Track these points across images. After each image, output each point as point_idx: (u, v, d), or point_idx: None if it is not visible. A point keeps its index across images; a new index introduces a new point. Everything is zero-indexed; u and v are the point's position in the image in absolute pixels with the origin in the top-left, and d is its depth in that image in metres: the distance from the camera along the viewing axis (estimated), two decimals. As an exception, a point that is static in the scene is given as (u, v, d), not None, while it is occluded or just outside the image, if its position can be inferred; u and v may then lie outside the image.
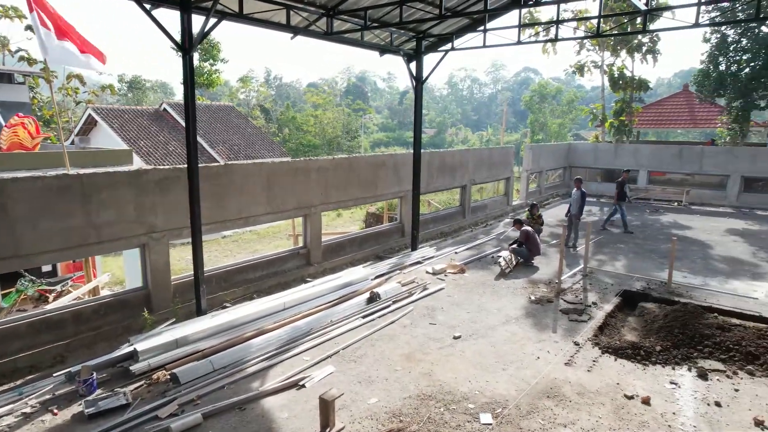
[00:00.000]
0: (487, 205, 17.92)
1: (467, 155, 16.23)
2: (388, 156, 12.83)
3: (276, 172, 9.98)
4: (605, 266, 11.54)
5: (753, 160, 20.24)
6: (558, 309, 8.81)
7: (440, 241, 14.41)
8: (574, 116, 66.14)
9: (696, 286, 10.07)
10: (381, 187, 12.66)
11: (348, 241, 12.13)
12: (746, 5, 20.88)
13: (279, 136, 59.91)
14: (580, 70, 25.19)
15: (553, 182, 24.12)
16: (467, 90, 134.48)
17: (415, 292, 9.71)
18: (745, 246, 13.57)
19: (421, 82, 11.90)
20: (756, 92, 20.23)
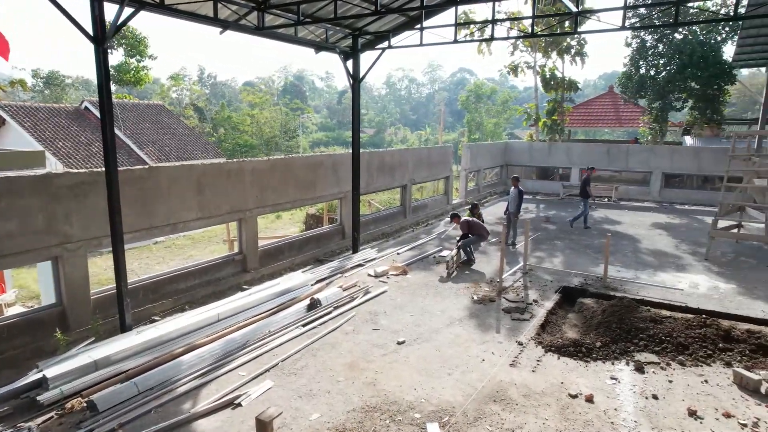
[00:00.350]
0: (427, 204, 17.95)
1: (407, 155, 16.15)
2: (327, 156, 12.47)
3: (207, 174, 9.39)
4: (544, 263, 11.77)
5: (671, 157, 21.54)
6: (500, 308, 8.82)
7: (382, 242, 14.22)
8: (508, 116, 68.21)
9: (629, 279, 10.44)
10: (320, 188, 12.29)
11: (287, 245, 11.67)
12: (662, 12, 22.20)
13: (214, 136, 57.88)
14: (514, 70, 25.85)
15: (490, 180, 24.62)
16: (405, 90, 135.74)
17: (358, 296, 9.44)
18: (669, 239, 14.32)
19: (358, 80, 11.64)
20: (672, 94, 21.52)
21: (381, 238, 14.75)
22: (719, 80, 20.16)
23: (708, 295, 9.53)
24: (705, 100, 20.46)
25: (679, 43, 20.54)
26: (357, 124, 11.77)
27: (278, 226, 26.34)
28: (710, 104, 20.45)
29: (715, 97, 20.49)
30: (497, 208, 19.47)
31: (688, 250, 13.00)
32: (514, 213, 13.65)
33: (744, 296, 9.50)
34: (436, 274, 10.85)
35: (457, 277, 10.65)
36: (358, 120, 11.73)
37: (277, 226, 26.16)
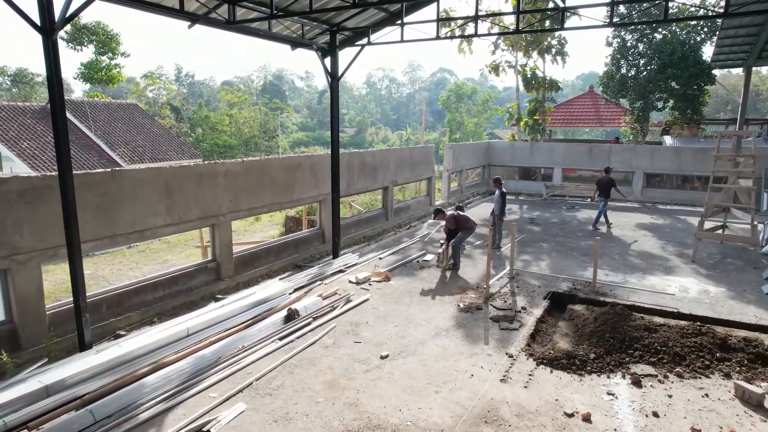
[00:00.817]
0: (410, 206, 17.53)
1: (388, 155, 15.70)
2: (305, 157, 11.95)
3: (176, 177, 8.79)
4: (531, 267, 11.42)
5: (652, 157, 21.51)
6: (488, 317, 8.42)
7: (363, 246, 13.74)
8: (489, 116, 68.33)
9: (618, 283, 10.15)
10: (298, 190, 11.75)
11: (263, 251, 11.11)
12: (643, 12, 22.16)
13: (192, 136, 56.81)
14: (495, 69, 25.61)
15: (473, 181, 24.32)
16: (386, 90, 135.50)
17: (338, 305, 8.95)
18: (655, 240, 14.14)
19: (337, 78, 11.14)
20: (653, 94, 21.48)
21: (362, 241, 14.27)
22: (699, 80, 20.17)
23: (699, 299, 9.28)
24: (685, 100, 20.45)
25: (659, 43, 20.50)
26: (336, 124, 11.27)
27: (257, 228, 25.69)
28: (690, 104, 20.45)
29: (695, 97, 20.50)
30: (481, 210, 19.15)
31: (674, 252, 12.81)
32: (498, 215, 13.30)
33: (735, 300, 9.28)
34: (420, 280, 10.42)
35: (442, 283, 10.24)
36: (338, 120, 11.24)
37: (255, 229, 25.51)
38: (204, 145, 56.39)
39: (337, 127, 11.27)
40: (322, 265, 11.31)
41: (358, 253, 12.64)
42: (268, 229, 25.47)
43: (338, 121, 11.25)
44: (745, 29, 17.44)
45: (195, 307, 9.11)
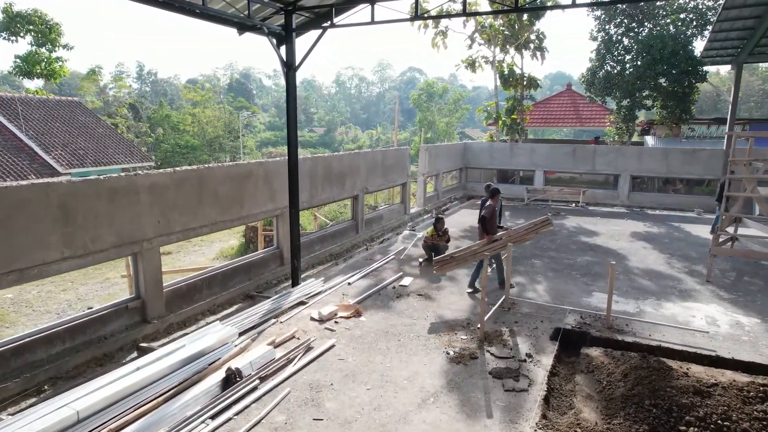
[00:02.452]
0: (382, 215, 15.66)
1: (358, 159, 13.78)
2: (256, 164, 9.92)
3: (80, 195, 6.68)
4: (527, 293, 9.69)
5: (640, 159, 20.24)
6: (486, 370, 6.62)
7: (330, 267, 11.81)
8: (460, 115, 67.16)
9: (632, 315, 8.51)
10: (249, 205, 9.73)
11: (205, 281, 9.04)
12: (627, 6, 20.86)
13: (152, 136, 53.76)
14: (471, 65, 23.99)
15: (450, 185, 22.65)
16: (355, 89, 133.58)
17: (296, 356, 7.00)
18: (657, 254, 12.64)
19: (294, 68, 9.16)
20: (640, 92, 20.21)
21: (329, 260, 12.32)
22: (690, 77, 18.95)
23: (735, 336, 7.71)
24: (675, 99, 19.22)
25: (649, 37, 19.20)
26: (293, 123, 9.29)
27: (213, 238, 23.33)
28: (680, 103, 19.23)
29: (686, 95, 19.29)
30: (461, 217, 17.44)
31: (683, 269, 11.31)
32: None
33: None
34: (397, 315, 8.55)
35: (423, 318, 8.39)
36: (295, 119, 9.27)
37: (213, 239, 23.16)
38: (165, 146, 53.50)
39: (295, 127, 9.30)
40: (279, 296, 9.30)
41: (323, 277, 10.70)
42: (228, 239, 23.24)
43: (296, 121, 9.29)
44: (742, 21, 16.22)
45: (109, 361, 7.03)
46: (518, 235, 9.82)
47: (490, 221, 9.40)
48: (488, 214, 9.38)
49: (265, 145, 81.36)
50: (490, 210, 9.40)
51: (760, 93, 51.28)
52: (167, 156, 50.79)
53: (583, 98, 30.35)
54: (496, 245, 9.27)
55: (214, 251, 22.01)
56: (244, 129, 77.30)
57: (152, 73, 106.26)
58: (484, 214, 9.45)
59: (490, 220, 9.40)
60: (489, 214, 9.38)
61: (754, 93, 51.37)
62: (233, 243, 22.47)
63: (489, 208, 9.42)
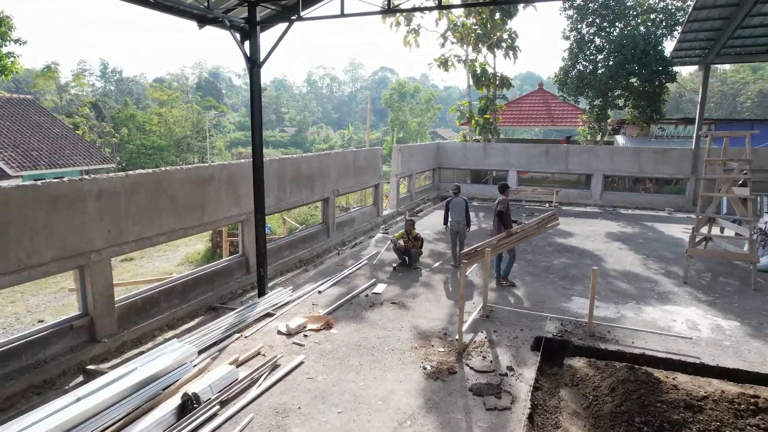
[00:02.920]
0: (354, 218, 15.15)
1: (328, 161, 13.24)
2: (219, 167, 9.29)
3: (12, 204, 5.97)
4: (504, 298, 9.33)
5: (612, 158, 20.28)
6: (466, 386, 6.20)
7: (299, 273, 11.25)
8: (432, 115, 67.10)
9: (613, 320, 8.25)
10: (211, 210, 9.10)
11: (164, 292, 8.38)
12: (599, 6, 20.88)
13: (116, 137, 52.01)
14: (444, 64, 23.68)
15: (423, 186, 22.29)
16: (327, 88, 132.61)
17: (261, 376, 6.46)
18: (633, 255, 12.51)
19: (258, 64, 8.58)
20: (612, 92, 20.24)
21: (298, 267, 11.75)
22: (661, 77, 19.04)
23: (717, 341, 7.51)
24: (646, 98, 19.28)
25: (620, 37, 19.21)
26: (258, 123, 8.71)
27: (179, 243, 22.38)
28: (651, 102, 19.31)
29: (656, 95, 19.38)
30: (435, 219, 17.09)
31: (659, 270, 11.17)
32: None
33: (758, 340, 7.58)
34: (370, 326, 8.06)
35: (398, 328, 7.94)
36: (260, 118, 8.68)
37: (178, 243, 22.21)
38: (130, 146, 51.91)
39: (260, 127, 8.73)
40: (245, 308, 8.70)
41: (292, 285, 10.15)
42: (194, 243, 22.35)
43: (261, 120, 8.71)
44: (710, 23, 16.34)
45: (50, 389, 6.34)
46: (531, 230, 9.90)
47: (507, 215, 9.58)
48: (504, 208, 9.58)
49: (234, 145, 79.83)
50: (505, 204, 9.62)
51: (719, 94, 52.77)
52: (133, 157, 49.20)
53: (555, 98, 30.42)
54: (513, 239, 9.48)
55: (180, 256, 21.13)
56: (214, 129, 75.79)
57: (117, 72, 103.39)
58: (500, 209, 9.60)
59: (507, 215, 9.58)
60: (505, 209, 9.58)
61: (714, 94, 52.85)
62: (199, 248, 21.63)
63: (504, 203, 9.65)
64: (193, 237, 23.60)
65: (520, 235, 9.68)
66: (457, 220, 11.06)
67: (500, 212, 9.63)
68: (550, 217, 10.04)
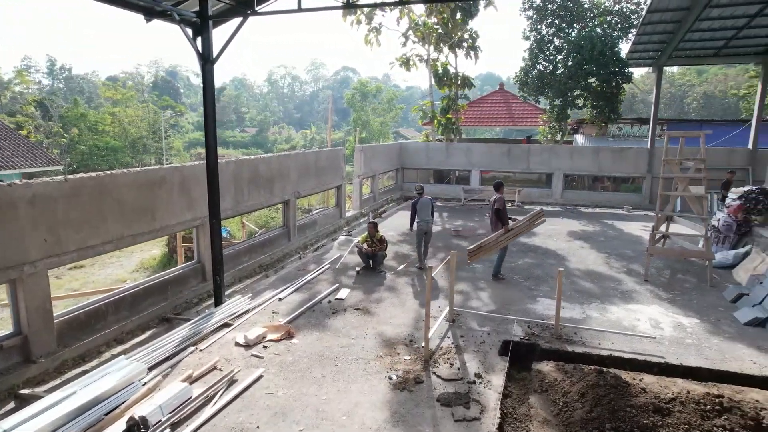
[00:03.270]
0: (316, 220, 14.76)
1: (289, 162, 12.82)
2: (171, 169, 8.77)
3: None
4: (471, 301, 9.19)
5: (572, 157, 20.58)
6: (433, 396, 5.97)
7: (259, 279, 10.81)
8: (394, 114, 67.10)
9: (579, 321, 8.21)
10: (162, 215, 8.57)
11: (112, 304, 7.81)
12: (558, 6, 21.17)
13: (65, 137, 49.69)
14: (406, 63, 23.54)
15: (387, 186, 22.08)
16: (288, 88, 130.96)
17: (217, 393, 6.05)
18: (595, 253, 12.63)
19: (211, 61, 8.12)
20: (572, 92, 20.55)
21: (258, 272, 11.30)
22: (618, 77, 19.44)
23: (679, 339, 7.56)
24: (604, 98, 19.66)
25: (578, 38, 19.52)
26: (212, 123, 8.25)
27: (134, 248, 21.40)
28: (609, 102, 19.70)
29: (613, 95, 19.78)
30: (399, 220, 16.90)
31: (621, 269, 11.29)
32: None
33: (717, 337, 7.68)
34: (333, 334, 7.75)
35: (362, 336, 7.65)
36: (213, 118, 8.22)
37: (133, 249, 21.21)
38: (81, 147, 49.65)
39: (214, 128, 8.27)
40: (200, 318, 8.22)
41: (251, 292, 9.71)
42: (150, 248, 21.42)
43: (214, 120, 8.25)
44: (663, 26, 16.75)
45: (-20, 415, 5.74)
46: (524, 227, 10.26)
47: (504, 213, 9.99)
48: (501, 206, 10.00)
49: (193, 145, 77.77)
50: (502, 203, 10.05)
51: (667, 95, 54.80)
52: (85, 159, 47.13)
53: (516, 98, 30.77)
54: (509, 235, 9.83)
55: (135, 262, 20.23)
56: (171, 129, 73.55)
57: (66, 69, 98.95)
58: (497, 207, 9.98)
59: (504, 212, 9.99)
60: (502, 206, 10.02)
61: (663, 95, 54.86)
62: (156, 253, 20.77)
63: (500, 201, 10.05)
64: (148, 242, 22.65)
65: (514, 232, 9.97)
66: (425, 219, 10.94)
67: (498, 210, 9.96)
68: (538, 214, 10.29)
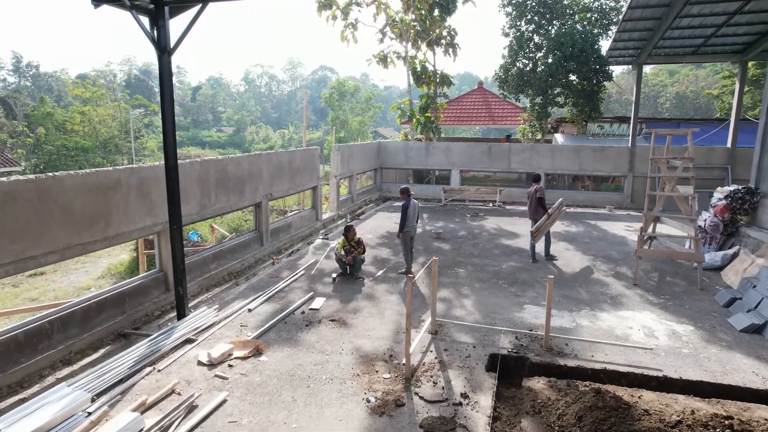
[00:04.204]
0: (291, 223, 14.06)
1: (260, 162, 12.11)
2: (128, 171, 8.01)
3: None
4: (454, 309, 8.64)
5: (553, 157, 20.26)
6: (416, 422, 5.39)
7: (228, 288, 10.08)
8: (372, 114, 66.49)
9: (570, 331, 7.72)
10: (118, 221, 7.81)
11: (58, 321, 7.02)
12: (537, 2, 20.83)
13: (31, 137, 47.94)
14: (383, 60, 22.93)
15: (365, 187, 21.46)
16: (265, 87, 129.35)
17: (174, 422, 5.36)
18: (581, 256, 12.23)
19: (168, 51, 7.39)
20: (552, 89, 20.23)
21: (227, 280, 10.57)
22: (599, 75, 19.17)
23: (675, 349, 7.12)
24: (585, 96, 19.37)
25: (559, 35, 19.18)
26: (170, 119, 7.52)
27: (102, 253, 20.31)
28: (589, 101, 19.42)
29: (594, 93, 19.51)
30: (378, 222, 16.32)
31: (608, 272, 10.89)
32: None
33: (714, 345, 7.27)
34: (306, 350, 7.11)
35: (338, 353, 7.02)
36: (172, 114, 7.49)
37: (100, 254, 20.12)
38: (48, 147, 47.98)
39: (172, 124, 7.54)
40: (160, 333, 7.48)
41: (218, 303, 9.00)
42: (119, 253, 20.39)
43: (173, 116, 7.53)
44: (644, 23, 16.53)
45: None
46: (557, 214, 12.40)
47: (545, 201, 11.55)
48: (543, 195, 11.52)
49: (168, 146, 75.87)
50: (542, 192, 11.56)
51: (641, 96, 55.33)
52: (52, 159, 45.54)
53: (495, 96, 30.46)
54: (550, 221, 11.57)
55: (101, 268, 19.18)
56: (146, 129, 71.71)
57: (33, 66, 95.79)
58: (540, 195, 11.45)
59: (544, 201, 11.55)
60: (543, 195, 11.53)
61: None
62: (124, 258, 19.77)
63: (541, 191, 11.57)
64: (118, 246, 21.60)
65: (553, 217, 11.76)
66: (413, 224, 10.41)
67: (540, 198, 11.42)
68: (561, 205, 12.69)
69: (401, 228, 10.42)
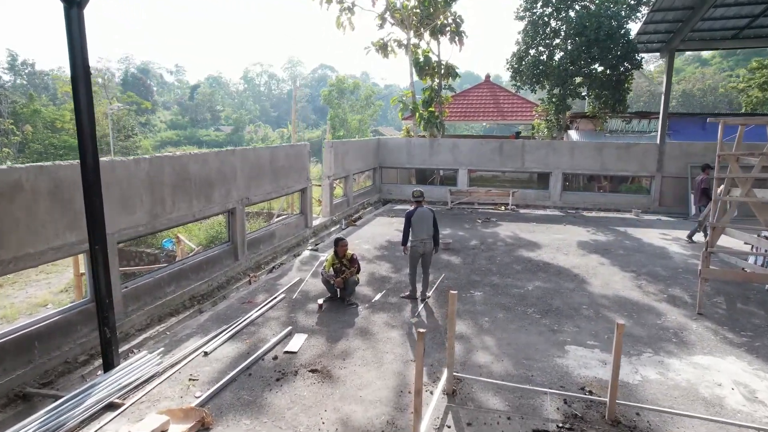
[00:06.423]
0: (274, 232, 11.97)
1: (234, 160, 10.02)
2: (35, 170, 5.92)
3: None
4: (474, 353, 6.54)
5: (572, 155, 18.17)
6: None
7: (186, 319, 8.00)
8: (372, 112, 64.42)
9: (634, 389, 5.64)
10: (16, 240, 5.74)
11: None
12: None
13: (18, 135, 46.22)
14: (383, 48, 20.81)
15: (363, 188, 19.37)
16: (265, 86, 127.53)
17: None
18: (619, 273, 10.13)
19: (78, 3, 5.29)
20: (572, 79, 18.11)
21: (188, 307, 8.48)
22: (627, 62, 17.06)
23: (795, 424, 5.04)
24: (610, 87, 17.25)
25: (581, 17, 17.04)
26: (86, 98, 5.40)
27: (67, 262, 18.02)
28: (614, 92, 17.30)
29: (620, 83, 17.39)
30: (378, 228, 14.26)
31: (659, 295, 8.79)
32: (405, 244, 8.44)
33: None
34: (273, 422, 5.02)
35: (318, 427, 4.94)
36: (87, 85, 5.37)
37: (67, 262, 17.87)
38: (35, 146, 46.29)
39: (89, 105, 5.44)
40: (76, 394, 5.39)
41: (168, 341, 6.92)
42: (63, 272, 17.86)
43: (89, 94, 5.43)
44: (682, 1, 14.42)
45: None
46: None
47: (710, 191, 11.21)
48: (708, 185, 11.85)
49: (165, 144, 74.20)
50: (708, 182, 11.99)
51: (647, 94, 53.00)
52: (41, 158, 43.71)
53: (503, 90, 28.37)
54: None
55: (66, 280, 16.99)
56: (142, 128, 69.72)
57: (28, 64, 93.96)
58: (704, 186, 12.21)
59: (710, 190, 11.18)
60: (709, 185, 11.68)
61: (643, 93, 53.03)
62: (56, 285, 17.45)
63: (707, 181, 12.10)
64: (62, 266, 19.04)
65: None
66: (422, 238, 8.20)
67: (705, 189, 12.18)
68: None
69: (403, 242, 8.35)
